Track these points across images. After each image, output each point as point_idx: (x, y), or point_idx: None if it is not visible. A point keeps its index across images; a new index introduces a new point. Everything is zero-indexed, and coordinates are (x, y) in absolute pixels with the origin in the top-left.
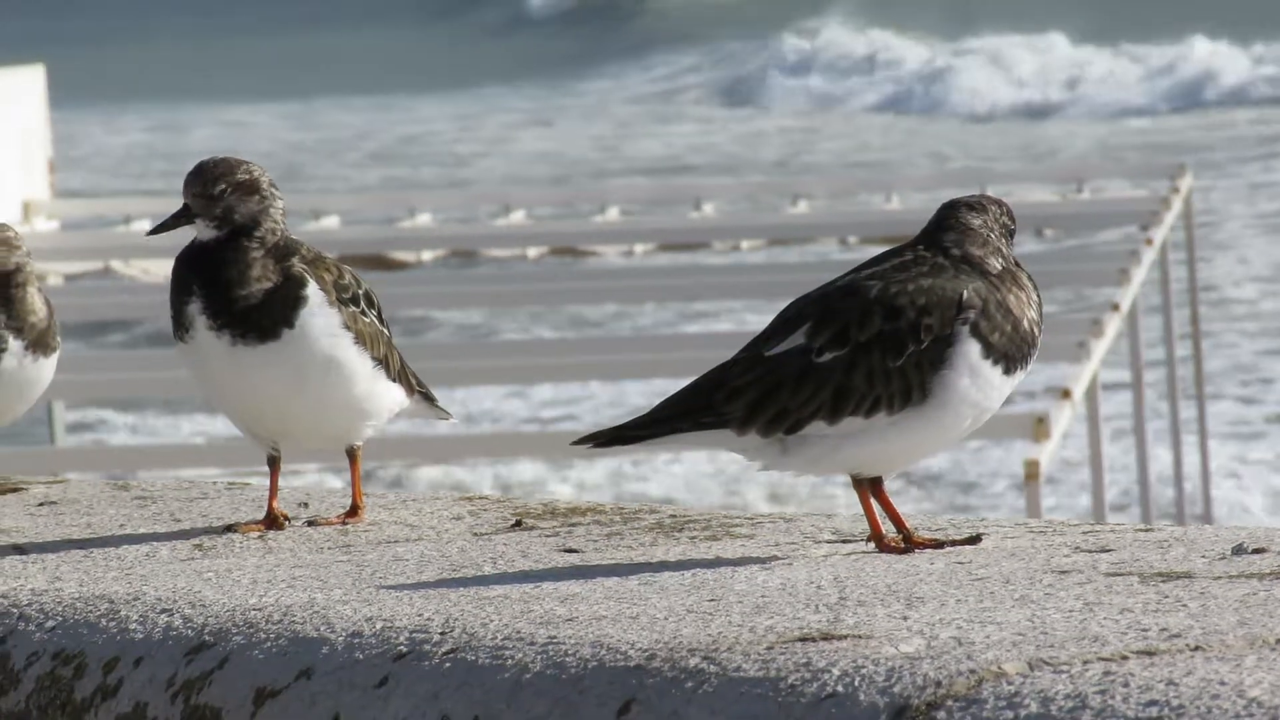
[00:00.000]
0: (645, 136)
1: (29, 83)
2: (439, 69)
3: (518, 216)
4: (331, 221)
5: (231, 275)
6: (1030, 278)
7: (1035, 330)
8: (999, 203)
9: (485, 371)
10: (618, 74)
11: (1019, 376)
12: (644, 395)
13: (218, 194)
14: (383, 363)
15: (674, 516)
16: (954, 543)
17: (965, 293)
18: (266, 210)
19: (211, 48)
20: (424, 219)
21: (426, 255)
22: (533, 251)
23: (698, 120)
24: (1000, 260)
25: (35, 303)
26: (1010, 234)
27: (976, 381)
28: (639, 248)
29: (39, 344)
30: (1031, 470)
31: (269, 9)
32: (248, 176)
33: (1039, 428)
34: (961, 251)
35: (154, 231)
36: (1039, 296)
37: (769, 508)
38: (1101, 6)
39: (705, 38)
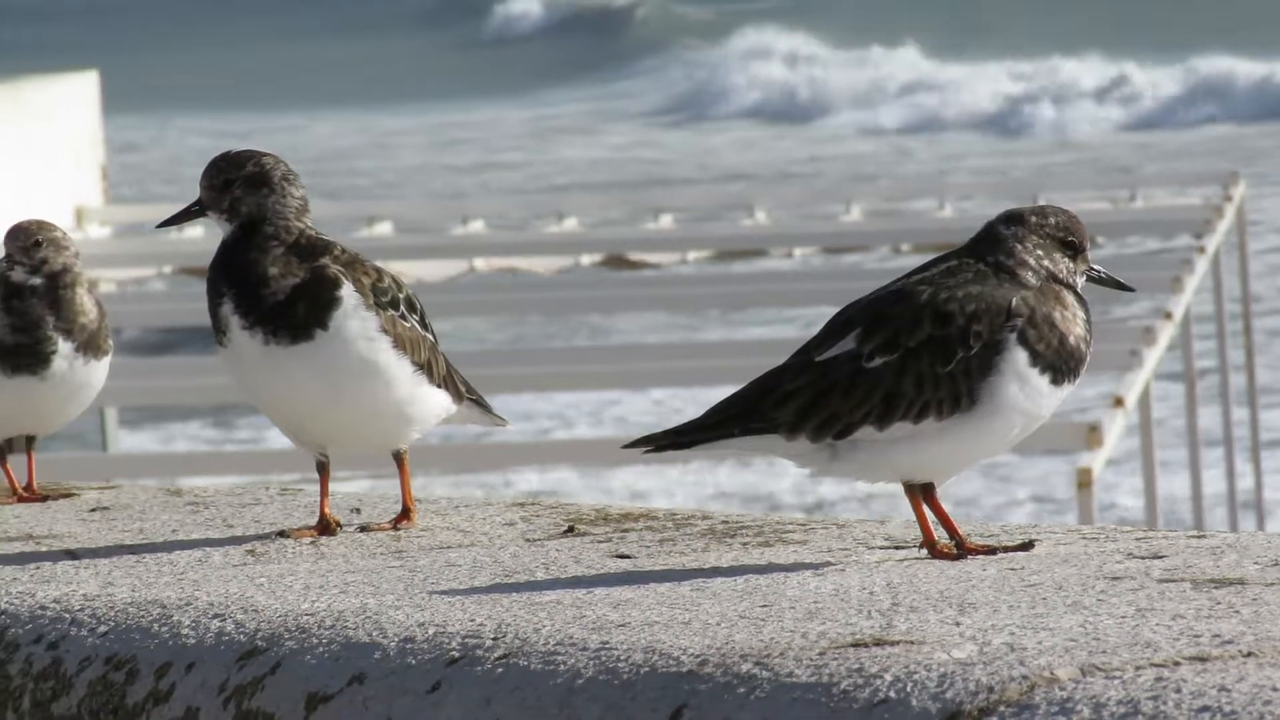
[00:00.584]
0: (668, 146)
1: (82, 89)
2: (481, 75)
3: (571, 223)
4: (385, 228)
5: (255, 271)
6: (1076, 294)
7: (1082, 346)
8: (1049, 213)
9: (530, 379)
10: (608, 83)
11: (1067, 388)
12: (690, 404)
13: (225, 185)
14: (424, 368)
15: (726, 522)
16: (1007, 549)
17: (1014, 300)
18: (276, 203)
19: (267, 54)
20: (476, 226)
21: (479, 263)
22: (586, 259)
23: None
24: (1038, 275)
25: (85, 304)
26: (1064, 245)
27: (1025, 389)
28: (693, 255)
29: (89, 346)
30: (1084, 478)
31: (323, 15)
32: (257, 169)
33: (1091, 436)
34: (997, 260)
35: (164, 224)
36: (1087, 314)
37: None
38: (1155, 24)
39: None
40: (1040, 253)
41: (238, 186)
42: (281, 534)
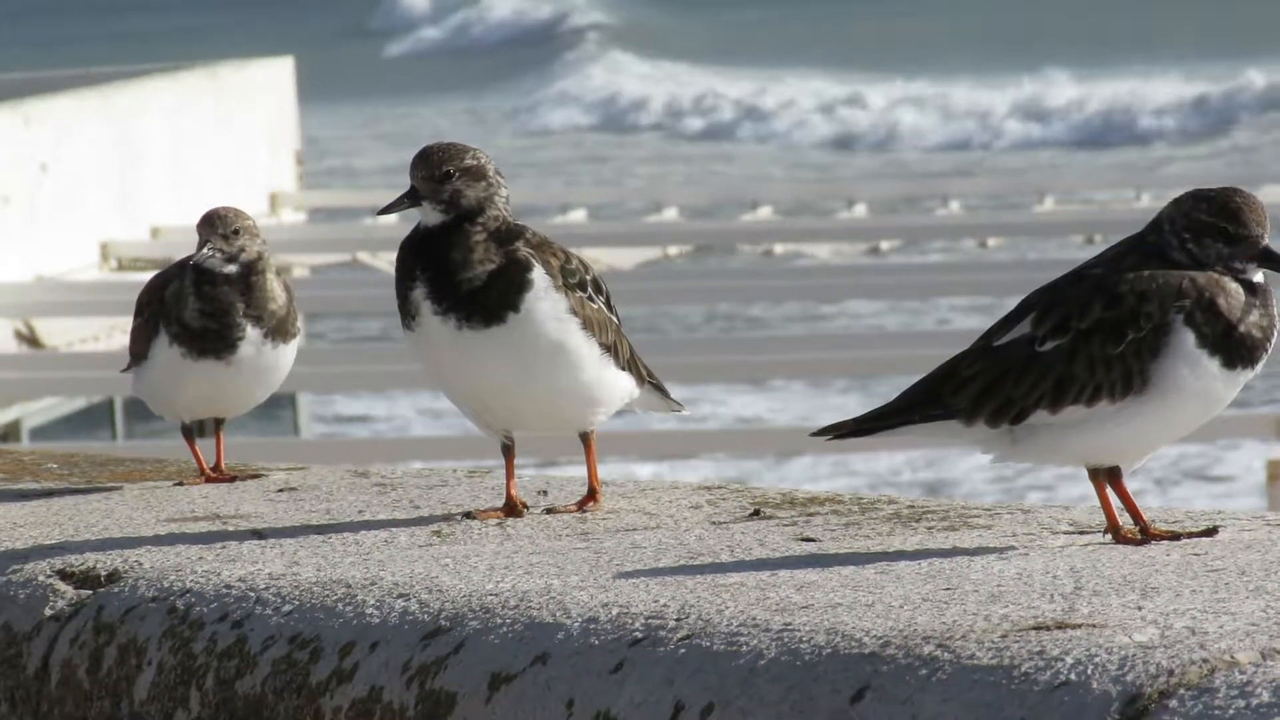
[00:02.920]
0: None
1: (278, 75)
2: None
3: (765, 212)
4: (579, 215)
5: (455, 259)
6: (1243, 280)
7: (1255, 332)
8: (1204, 198)
9: (723, 368)
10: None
11: (1243, 373)
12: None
13: (445, 177)
14: (610, 350)
15: (912, 507)
16: (1190, 535)
17: (1184, 282)
18: (492, 196)
19: (461, 47)
20: (670, 213)
21: (673, 250)
22: (779, 248)
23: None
24: (1186, 257)
25: (274, 290)
26: (1218, 231)
27: (1195, 371)
28: (885, 244)
29: (278, 331)
30: (1275, 470)
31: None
32: (475, 162)
33: None
34: (1156, 244)
35: (383, 212)
36: (1262, 300)
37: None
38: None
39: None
40: (1187, 236)
41: (458, 178)
42: (468, 515)
